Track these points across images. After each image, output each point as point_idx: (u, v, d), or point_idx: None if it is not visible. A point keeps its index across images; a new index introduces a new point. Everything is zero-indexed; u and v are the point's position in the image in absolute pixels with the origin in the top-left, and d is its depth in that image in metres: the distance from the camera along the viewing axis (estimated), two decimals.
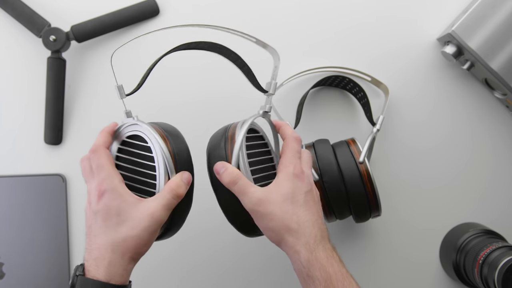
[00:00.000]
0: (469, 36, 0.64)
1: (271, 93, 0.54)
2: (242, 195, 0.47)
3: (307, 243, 0.46)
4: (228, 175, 0.48)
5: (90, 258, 0.45)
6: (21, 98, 0.72)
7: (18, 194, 0.71)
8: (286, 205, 0.47)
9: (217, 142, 0.51)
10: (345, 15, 0.71)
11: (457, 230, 0.70)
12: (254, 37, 0.55)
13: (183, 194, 0.47)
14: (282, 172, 0.49)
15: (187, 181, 0.48)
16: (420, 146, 0.71)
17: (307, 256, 0.46)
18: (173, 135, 0.50)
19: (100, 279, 0.44)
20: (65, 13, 0.71)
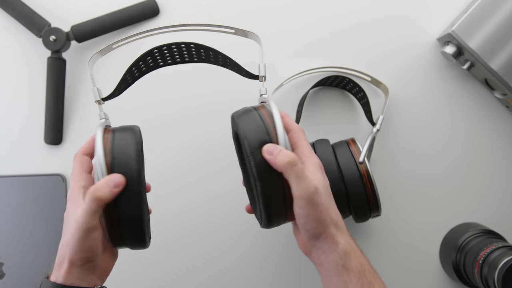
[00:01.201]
0: (469, 36, 0.64)
1: (262, 75, 0.52)
2: (300, 179, 0.45)
3: (344, 235, 0.47)
4: (286, 156, 0.45)
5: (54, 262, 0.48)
6: (21, 98, 0.72)
7: (18, 194, 0.71)
8: (327, 196, 0.47)
9: (256, 123, 0.47)
10: (345, 14, 0.71)
11: (457, 230, 0.70)
12: (232, 27, 0.55)
13: (104, 197, 0.45)
14: (309, 162, 0.48)
15: (114, 184, 0.46)
16: (420, 146, 0.71)
17: (345, 247, 0.46)
18: (121, 136, 0.48)
19: (50, 279, 0.47)
20: (65, 13, 0.71)
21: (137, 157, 0.47)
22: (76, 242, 0.46)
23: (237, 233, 0.72)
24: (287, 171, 0.45)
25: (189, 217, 0.71)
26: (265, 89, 0.53)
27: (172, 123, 0.72)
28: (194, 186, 0.72)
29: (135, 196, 0.46)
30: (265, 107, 0.50)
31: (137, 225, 0.47)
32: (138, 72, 0.55)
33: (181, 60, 0.56)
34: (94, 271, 0.48)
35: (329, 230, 0.46)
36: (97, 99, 0.52)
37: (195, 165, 0.72)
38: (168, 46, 0.53)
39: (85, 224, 0.45)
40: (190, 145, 0.72)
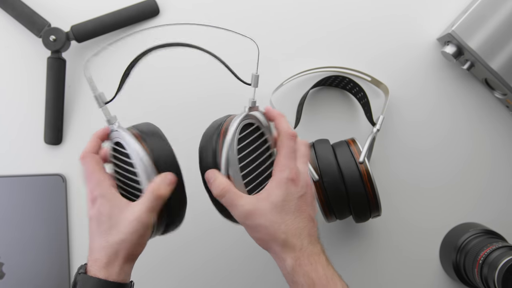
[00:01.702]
0: (469, 36, 0.64)
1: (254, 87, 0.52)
2: (231, 207, 0.48)
3: (293, 251, 0.47)
4: (216, 188, 0.48)
5: (91, 259, 0.48)
6: (21, 98, 0.72)
7: (18, 194, 0.71)
8: (274, 214, 0.47)
9: (208, 143, 0.50)
10: (345, 14, 0.71)
11: (457, 230, 0.70)
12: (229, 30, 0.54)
13: (165, 194, 0.48)
14: (276, 176, 0.48)
15: (170, 181, 0.48)
16: (420, 146, 0.71)
17: (291, 263, 0.47)
18: (153, 137, 0.50)
19: (99, 277, 0.46)
20: (65, 13, 0.71)
21: (175, 157, 0.50)
22: (137, 239, 0.47)
23: (236, 230, 0.72)
24: (220, 200, 0.48)
25: (188, 215, 0.71)
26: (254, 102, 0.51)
27: (171, 117, 0.71)
28: (192, 187, 0.71)
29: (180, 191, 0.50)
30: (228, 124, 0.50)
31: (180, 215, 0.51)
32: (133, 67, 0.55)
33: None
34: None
35: (273, 248, 0.48)
36: (102, 106, 0.51)
37: (192, 165, 0.71)
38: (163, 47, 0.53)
39: (147, 221, 0.47)
40: (186, 146, 0.71)
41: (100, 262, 0.47)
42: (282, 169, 0.48)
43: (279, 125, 0.51)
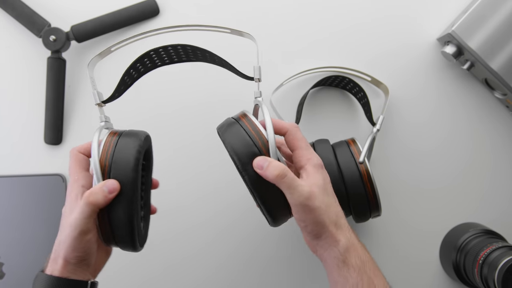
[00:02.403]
0: (469, 36, 0.64)
1: (257, 77, 0.52)
2: (292, 189, 0.47)
3: (344, 231, 0.49)
4: (275, 169, 0.46)
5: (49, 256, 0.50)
6: (21, 98, 0.72)
7: (18, 194, 0.71)
8: (325, 196, 0.48)
9: (241, 137, 0.48)
10: (345, 14, 0.71)
11: (457, 230, 0.70)
12: (227, 28, 0.55)
13: (97, 202, 0.47)
14: (308, 164, 0.49)
15: (109, 189, 0.47)
16: (420, 146, 0.71)
17: (346, 244, 0.48)
18: (124, 144, 0.49)
19: (45, 271, 0.49)
20: (65, 13, 0.71)
21: (136, 166, 0.48)
22: (70, 243, 0.48)
23: (235, 228, 0.72)
24: (278, 183, 0.47)
25: (187, 214, 0.71)
26: (259, 92, 0.52)
27: (170, 122, 0.72)
28: (192, 183, 0.71)
29: (128, 203, 0.47)
30: (247, 116, 0.50)
31: (128, 230, 0.48)
32: (136, 73, 0.56)
33: (178, 60, 0.57)
34: (88, 268, 0.49)
35: (329, 230, 0.48)
36: (97, 102, 0.52)
37: (193, 162, 0.72)
38: (164, 48, 0.54)
39: (80, 227, 0.47)
40: (188, 143, 0.72)
41: (50, 259, 0.49)
42: (310, 157, 0.50)
43: (279, 124, 0.51)
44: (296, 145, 0.50)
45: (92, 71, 0.54)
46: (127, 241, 0.49)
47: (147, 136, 0.53)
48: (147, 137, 0.52)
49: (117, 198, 0.47)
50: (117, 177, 0.48)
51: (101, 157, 0.48)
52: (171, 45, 0.54)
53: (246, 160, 0.47)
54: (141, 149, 0.49)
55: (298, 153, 0.50)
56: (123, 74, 0.54)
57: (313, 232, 0.49)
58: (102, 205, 0.47)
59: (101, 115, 0.53)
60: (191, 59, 0.57)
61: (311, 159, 0.49)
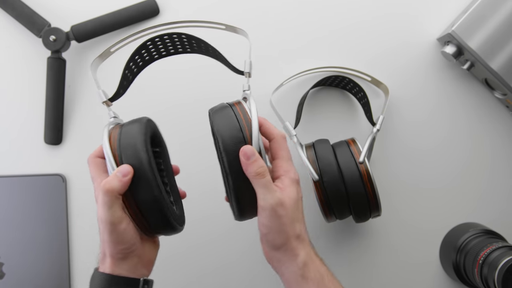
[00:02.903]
0: (469, 36, 0.64)
1: (247, 71, 0.53)
2: (266, 190, 0.47)
3: (305, 246, 0.49)
4: (258, 167, 0.47)
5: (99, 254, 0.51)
6: (21, 98, 0.72)
7: (18, 194, 0.71)
8: (295, 210, 0.48)
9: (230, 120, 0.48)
10: (345, 14, 0.71)
11: (457, 230, 0.70)
12: (222, 23, 0.55)
13: (115, 187, 0.46)
14: (285, 176, 0.49)
15: (122, 173, 0.47)
16: (420, 146, 0.71)
17: (304, 258, 0.48)
18: (127, 131, 0.50)
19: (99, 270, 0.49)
20: (65, 13, 0.71)
21: (143, 146, 0.48)
22: (108, 237, 0.47)
23: (233, 225, 0.72)
24: (254, 181, 0.47)
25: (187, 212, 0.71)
26: (248, 86, 0.52)
27: (168, 119, 0.71)
28: (192, 181, 0.72)
29: (147, 183, 0.47)
30: (241, 103, 0.51)
31: (157, 210, 0.48)
32: (136, 67, 0.57)
33: (174, 51, 0.58)
34: (138, 262, 0.49)
35: (290, 242, 0.48)
36: (104, 100, 0.53)
37: (193, 160, 0.72)
38: (160, 37, 0.55)
39: (108, 219, 0.47)
40: (186, 140, 0.71)
41: (99, 258, 0.50)
42: (288, 169, 0.50)
43: (269, 129, 0.51)
44: (278, 154, 0.50)
45: (95, 72, 0.55)
46: (162, 223, 0.49)
47: (149, 120, 0.52)
48: (148, 120, 0.52)
49: (136, 181, 0.47)
50: (129, 162, 0.48)
51: (112, 149, 0.48)
52: (167, 33, 0.55)
53: (228, 142, 0.47)
54: (145, 130, 0.50)
55: (278, 163, 0.50)
56: (124, 68, 0.54)
57: (274, 242, 0.48)
58: (120, 190, 0.47)
59: (109, 112, 0.54)
60: (186, 50, 0.58)
61: (289, 172, 0.50)
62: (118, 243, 0.48)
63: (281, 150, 0.50)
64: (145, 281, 0.50)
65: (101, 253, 0.50)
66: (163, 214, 0.48)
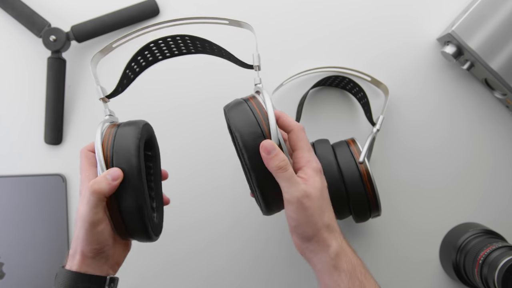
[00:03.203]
0: (469, 36, 0.64)
1: (256, 64, 0.52)
2: (290, 183, 0.47)
3: (336, 236, 0.49)
4: (279, 161, 0.47)
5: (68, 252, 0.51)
6: (21, 98, 0.72)
7: (18, 194, 0.71)
8: (321, 199, 0.48)
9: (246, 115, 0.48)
10: (345, 14, 0.71)
11: (457, 230, 0.70)
12: (226, 18, 0.55)
13: (103, 190, 0.47)
14: (307, 167, 0.49)
15: (113, 177, 0.47)
16: (420, 146, 0.71)
17: (336, 249, 0.48)
18: (123, 133, 0.50)
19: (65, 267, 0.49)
20: (65, 13, 0.71)
21: (136, 152, 0.48)
22: (84, 236, 0.48)
23: (234, 224, 0.72)
24: (277, 175, 0.47)
25: (187, 211, 0.71)
26: (259, 79, 0.52)
27: (172, 119, 0.72)
28: (194, 180, 0.72)
29: (134, 189, 0.47)
30: (256, 98, 0.50)
31: (138, 218, 0.48)
32: (138, 67, 0.56)
33: (178, 52, 0.57)
34: (106, 262, 0.50)
35: (320, 233, 0.48)
36: (101, 97, 0.53)
37: (195, 159, 0.72)
38: (164, 39, 0.54)
39: (89, 218, 0.47)
40: (190, 140, 0.72)
41: (68, 254, 0.50)
42: (311, 159, 0.49)
43: (287, 121, 0.51)
44: (298, 145, 0.50)
45: (95, 67, 0.54)
46: (139, 230, 0.49)
47: (146, 124, 0.52)
48: (145, 124, 0.52)
49: (123, 186, 0.47)
50: (120, 165, 0.48)
51: (103, 149, 0.48)
52: (170, 36, 0.54)
53: (247, 138, 0.47)
54: (140, 136, 0.49)
55: (298, 154, 0.50)
56: (125, 67, 0.54)
57: (304, 234, 0.48)
58: (107, 193, 0.47)
59: (105, 109, 0.53)
60: (191, 51, 0.57)
61: (311, 161, 0.49)
62: (92, 243, 0.48)
63: (300, 141, 0.50)
64: (111, 278, 0.50)
65: (72, 248, 0.49)
66: (143, 223, 0.48)
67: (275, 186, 0.48)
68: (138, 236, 0.50)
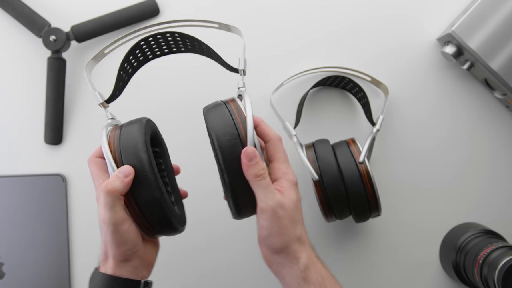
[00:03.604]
0: (469, 36, 0.64)
1: (241, 68, 0.52)
2: (266, 192, 0.47)
3: (306, 249, 0.49)
4: (259, 169, 0.47)
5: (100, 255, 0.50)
6: (21, 98, 0.72)
7: (18, 194, 0.71)
8: (295, 212, 0.48)
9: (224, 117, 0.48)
10: (345, 14, 0.71)
11: (457, 230, 0.70)
12: (216, 22, 0.56)
13: (116, 188, 0.46)
14: (284, 179, 0.49)
15: (124, 174, 0.47)
16: (420, 146, 0.71)
17: (306, 261, 0.48)
18: (127, 132, 0.50)
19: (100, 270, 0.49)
20: (65, 13, 0.71)
21: (143, 147, 0.48)
22: (111, 239, 0.47)
23: (235, 226, 0.72)
24: (254, 183, 0.47)
25: (188, 210, 0.71)
26: (243, 83, 0.52)
27: (169, 119, 0.71)
28: (193, 180, 0.71)
29: (148, 183, 0.47)
30: (235, 101, 0.50)
31: (158, 209, 0.48)
32: (131, 67, 0.57)
33: (169, 51, 0.58)
34: (140, 263, 0.49)
35: (291, 245, 0.48)
36: (100, 102, 0.53)
37: (193, 160, 0.72)
38: (153, 36, 0.54)
39: (110, 219, 0.47)
40: (186, 140, 0.72)
41: (101, 259, 0.50)
42: (286, 171, 0.49)
43: (265, 130, 0.51)
44: (276, 156, 0.50)
45: (90, 74, 0.55)
46: (163, 222, 0.49)
47: (148, 120, 0.52)
48: (148, 120, 0.52)
49: (137, 181, 0.47)
50: (130, 162, 0.48)
51: (111, 150, 0.49)
52: (160, 33, 0.54)
53: (223, 138, 0.47)
54: (145, 131, 0.50)
55: (275, 165, 0.50)
56: (118, 69, 0.54)
57: (275, 245, 0.48)
58: (122, 191, 0.47)
59: (106, 113, 0.54)
60: (181, 49, 0.58)
61: (287, 174, 0.49)
62: (120, 244, 0.47)
63: (278, 152, 0.50)
64: (146, 282, 0.49)
65: (102, 254, 0.49)
66: (164, 214, 0.48)
67: (247, 190, 0.48)
68: (163, 229, 0.50)
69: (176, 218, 0.50)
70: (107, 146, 0.49)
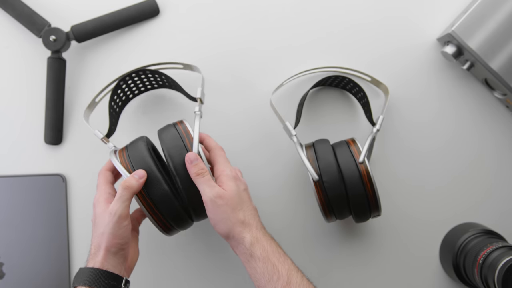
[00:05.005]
0: (469, 36, 0.64)
1: (199, 97, 0.62)
2: (206, 186, 0.56)
3: (251, 229, 0.56)
4: (199, 168, 0.56)
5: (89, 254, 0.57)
6: (21, 98, 0.72)
7: (18, 194, 0.71)
8: (235, 200, 0.56)
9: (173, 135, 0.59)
10: (346, 15, 0.71)
11: (457, 230, 0.70)
12: (180, 63, 0.67)
13: (133, 185, 0.56)
14: (222, 175, 0.58)
15: (139, 175, 0.57)
16: (420, 146, 0.71)
17: (251, 239, 0.55)
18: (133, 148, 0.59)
19: (87, 266, 0.56)
20: (65, 13, 0.71)
21: (149, 153, 0.58)
22: (111, 229, 0.55)
23: None
24: (196, 180, 0.56)
25: None
26: (198, 108, 0.61)
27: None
28: None
29: (156, 181, 0.57)
30: (183, 122, 0.60)
31: (167, 201, 0.57)
32: (117, 107, 0.66)
33: (144, 89, 0.69)
34: (124, 261, 0.57)
35: (234, 228, 0.56)
36: (101, 137, 0.62)
37: None
38: (129, 75, 0.65)
39: (118, 211, 0.55)
40: None
41: (90, 254, 0.56)
42: (224, 169, 0.58)
43: (209, 142, 0.61)
44: (216, 160, 0.59)
45: (88, 121, 0.64)
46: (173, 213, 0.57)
47: (146, 137, 0.62)
48: (146, 137, 0.61)
49: (147, 182, 0.57)
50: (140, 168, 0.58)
51: (123, 165, 0.58)
52: (134, 71, 0.65)
53: (173, 151, 0.57)
54: (147, 143, 0.60)
55: (216, 167, 0.59)
56: (108, 107, 0.63)
57: (221, 231, 0.56)
58: (136, 189, 0.56)
59: (108, 144, 0.62)
60: (154, 86, 0.69)
61: (225, 171, 0.58)
62: (116, 236, 0.55)
63: (217, 156, 0.59)
64: (126, 280, 0.56)
65: (93, 247, 0.56)
66: (173, 205, 0.57)
67: (197, 192, 0.57)
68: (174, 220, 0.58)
69: (184, 208, 0.58)
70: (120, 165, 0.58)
